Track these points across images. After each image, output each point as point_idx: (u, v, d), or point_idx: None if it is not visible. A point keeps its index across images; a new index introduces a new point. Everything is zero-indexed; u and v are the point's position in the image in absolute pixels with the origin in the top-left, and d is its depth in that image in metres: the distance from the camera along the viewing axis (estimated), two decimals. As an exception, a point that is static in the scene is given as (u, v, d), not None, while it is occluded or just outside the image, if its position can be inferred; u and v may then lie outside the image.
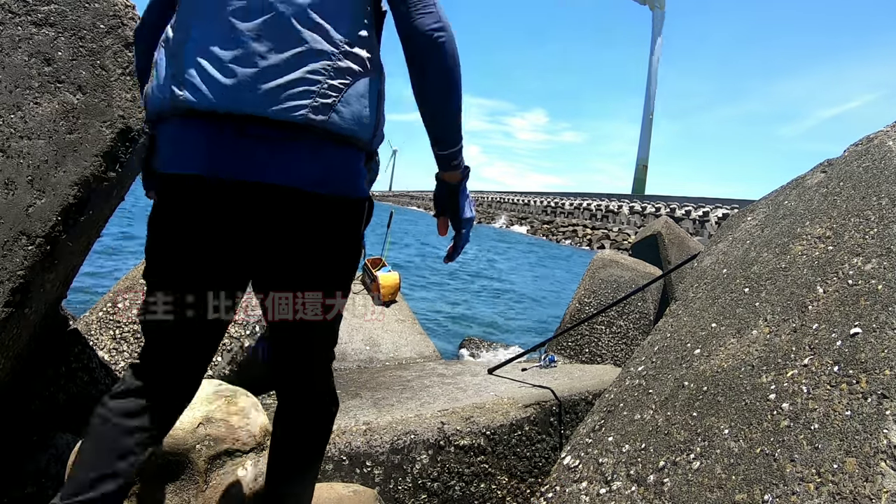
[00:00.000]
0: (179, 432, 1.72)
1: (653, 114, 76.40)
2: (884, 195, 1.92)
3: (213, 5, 1.06)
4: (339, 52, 1.05)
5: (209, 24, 1.05)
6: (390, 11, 1.13)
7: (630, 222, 36.76)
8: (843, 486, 1.23)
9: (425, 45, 1.09)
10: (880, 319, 1.48)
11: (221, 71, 1.03)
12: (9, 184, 1.74)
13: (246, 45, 1.02)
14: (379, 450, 2.18)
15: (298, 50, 1.03)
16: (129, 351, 2.62)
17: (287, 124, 1.03)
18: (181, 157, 1.10)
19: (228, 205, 1.08)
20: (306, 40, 1.03)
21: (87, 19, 1.88)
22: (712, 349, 1.88)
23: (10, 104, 1.78)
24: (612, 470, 1.78)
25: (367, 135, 1.11)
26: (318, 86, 1.03)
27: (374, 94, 1.11)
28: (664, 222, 6.91)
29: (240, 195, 1.07)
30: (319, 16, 1.04)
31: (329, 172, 1.09)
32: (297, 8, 1.03)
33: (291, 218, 1.09)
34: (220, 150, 1.05)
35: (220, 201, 1.08)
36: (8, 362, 1.94)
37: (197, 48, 1.05)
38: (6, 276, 1.70)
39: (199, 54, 1.05)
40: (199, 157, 1.07)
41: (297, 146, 1.06)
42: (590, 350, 4.88)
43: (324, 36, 1.05)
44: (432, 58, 1.10)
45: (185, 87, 1.05)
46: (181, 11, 1.11)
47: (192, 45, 1.06)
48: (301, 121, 1.03)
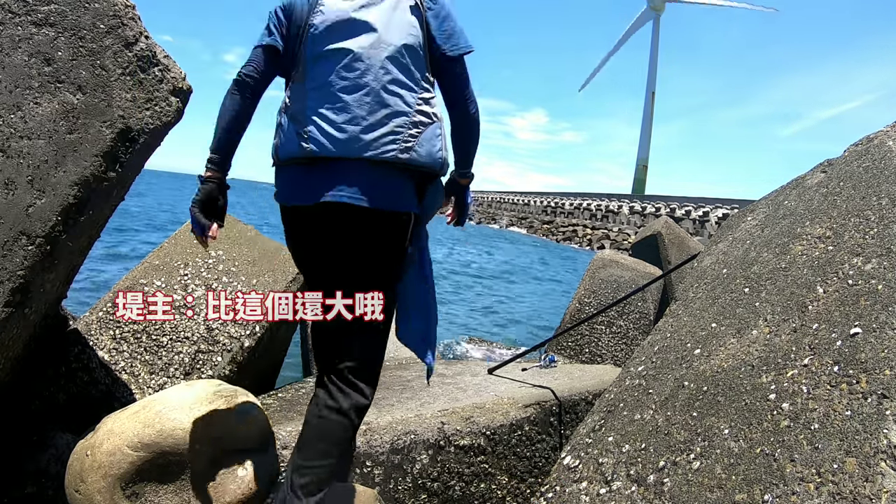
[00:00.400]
0: (179, 432, 1.72)
1: (653, 114, 76.56)
2: (884, 195, 1.92)
3: (324, 83, 1.50)
4: (413, 111, 1.52)
5: (322, 96, 1.49)
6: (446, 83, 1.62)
7: (630, 222, 36.78)
8: (843, 486, 1.23)
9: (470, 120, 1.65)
10: (880, 319, 1.48)
11: (336, 129, 1.47)
12: (9, 184, 1.74)
13: (351, 111, 1.47)
14: (379, 450, 2.18)
15: (386, 112, 1.48)
16: (129, 351, 2.63)
17: (381, 163, 1.48)
18: (311, 191, 1.50)
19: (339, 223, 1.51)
20: (391, 105, 1.49)
21: (87, 19, 1.88)
22: (712, 349, 1.88)
23: (10, 104, 1.78)
24: (612, 470, 1.78)
25: (438, 165, 1.58)
26: (402, 136, 1.49)
27: (438, 136, 1.56)
28: (664, 222, 6.92)
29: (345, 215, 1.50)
30: (398, 87, 1.50)
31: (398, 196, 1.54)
32: (382, 84, 1.49)
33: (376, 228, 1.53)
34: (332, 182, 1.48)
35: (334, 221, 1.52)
36: (8, 362, 1.94)
37: (315, 113, 1.49)
38: (6, 276, 1.70)
39: (318, 117, 1.48)
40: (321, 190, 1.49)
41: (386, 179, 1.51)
42: (590, 350, 4.88)
43: (403, 101, 1.51)
44: (472, 126, 1.67)
45: (309, 142, 1.48)
46: (295, 88, 1.55)
47: (311, 112, 1.49)
48: (391, 159, 1.48)
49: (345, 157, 1.47)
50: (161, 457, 1.70)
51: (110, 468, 1.67)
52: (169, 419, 1.73)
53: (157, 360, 2.63)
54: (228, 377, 2.65)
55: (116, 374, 2.55)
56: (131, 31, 1.94)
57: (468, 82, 1.62)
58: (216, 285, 2.89)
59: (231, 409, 1.85)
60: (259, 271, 3.02)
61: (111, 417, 1.81)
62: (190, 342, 2.70)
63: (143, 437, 1.70)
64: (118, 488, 1.67)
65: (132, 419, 1.75)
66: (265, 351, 3.02)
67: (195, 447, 1.73)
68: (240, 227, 3.28)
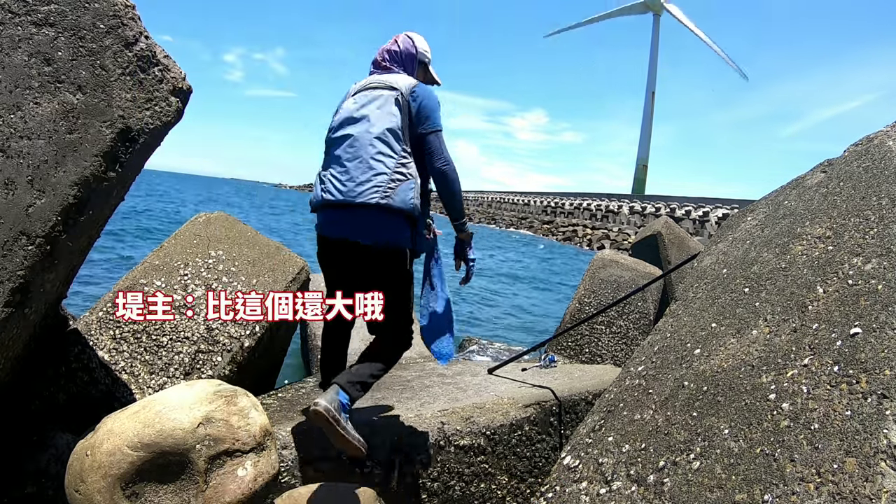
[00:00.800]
0: (179, 432, 1.72)
1: (653, 113, 76.47)
2: (884, 195, 1.92)
3: (336, 156, 2.17)
4: (392, 172, 2.09)
5: (335, 163, 2.17)
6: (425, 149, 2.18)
7: (630, 222, 36.77)
8: (843, 486, 1.23)
9: (443, 177, 2.19)
10: (880, 319, 1.48)
11: (340, 183, 2.12)
12: (9, 184, 1.74)
13: (349, 172, 2.11)
14: (379, 450, 2.18)
15: (373, 173, 2.08)
16: (129, 351, 2.63)
17: (369, 205, 2.07)
18: (327, 227, 2.22)
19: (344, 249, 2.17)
20: (375, 168, 2.09)
21: (87, 19, 1.88)
22: (712, 349, 1.88)
23: (10, 104, 1.78)
24: (612, 470, 1.78)
25: (409, 208, 2.09)
26: (383, 188, 2.07)
27: (413, 189, 2.11)
28: (664, 222, 6.92)
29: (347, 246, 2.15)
30: (382, 157, 2.10)
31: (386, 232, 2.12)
32: (370, 155, 2.10)
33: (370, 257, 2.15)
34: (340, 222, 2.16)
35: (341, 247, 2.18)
36: (8, 362, 1.94)
37: (330, 175, 2.17)
38: (6, 276, 1.70)
39: (331, 177, 2.16)
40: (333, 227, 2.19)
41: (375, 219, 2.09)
42: (590, 350, 4.88)
43: (385, 165, 2.09)
44: (445, 181, 2.20)
45: (326, 192, 2.16)
46: (324, 159, 2.27)
47: (326, 172, 2.20)
48: (374, 203, 2.06)
49: (346, 202, 2.09)
50: (161, 457, 1.70)
51: (110, 468, 1.67)
52: (169, 419, 1.73)
53: (157, 360, 2.63)
54: (228, 377, 2.65)
55: (116, 374, 2.55)
56: (131, 31, 1.93)
57: (441, 149, 2.18)
58: (216, 285, 2.89)
59: (231, 409, 1.85)
60: (259, 271, 3.02)
61: (111, 417, 1.81)
62: (190, 342, 2.70)
63: (143, 437, 1.70)
64: (118, 488, 1.67)
65: (132, 419, 1.75)
66: (265, 351, 3.02)
67: (195, 447, 1.73)
68: (240, 227, 3.28)
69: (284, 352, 3.58)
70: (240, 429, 1.83)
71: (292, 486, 2.05)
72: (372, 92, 2.20)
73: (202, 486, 1.74)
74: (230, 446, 1.79)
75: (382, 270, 2.18)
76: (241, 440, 1.82)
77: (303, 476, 2.10)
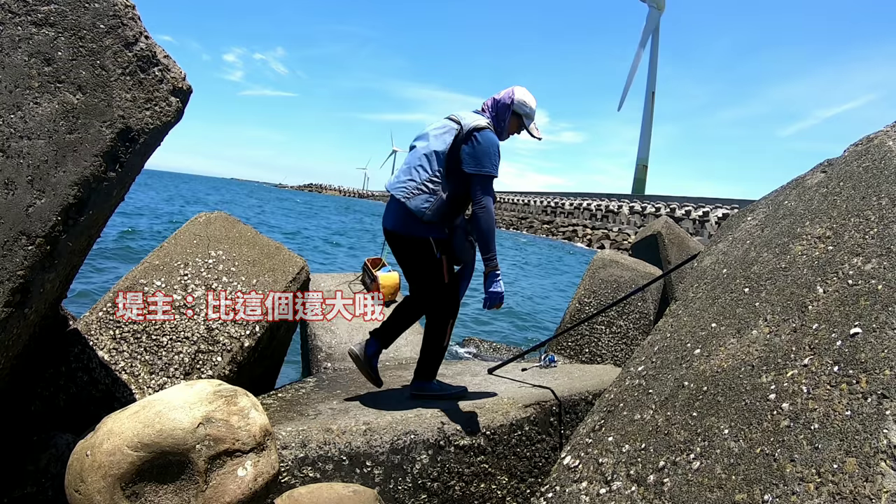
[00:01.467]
0: (179, 432, 1.72)
1: (653, 114, 76.37)
2: (884, 195, 1.92)
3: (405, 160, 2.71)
4: (420, 182, 2.56)
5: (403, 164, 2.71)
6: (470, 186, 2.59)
7: (630, 222, 36.77)
8: (843, 486, 1.23)
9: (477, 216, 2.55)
10: (880, 319, 1.48)
11: (393, 177, 2.66)
12: (9, 184, 1.74)
13: (400, 172, 2.66)
14: (379, 450, 2.18)
15: (408, 178, 2.59)
16: (129, 351, 2.63)
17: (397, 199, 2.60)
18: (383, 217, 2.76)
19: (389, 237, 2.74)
20: (411, 175, 2.59)
21: (87, 19, 1.88)
22: (712, 349, 1.88)
23: (10, 104, 1.78)
24: (612, 470, 1.78)
25: (420, 213, 2.54)
26: (409, 190, 2.56)
27: (429, 201, 2.55)
28: (664, 222, 6.92)
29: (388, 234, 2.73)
30: (420, 168, 2.59)
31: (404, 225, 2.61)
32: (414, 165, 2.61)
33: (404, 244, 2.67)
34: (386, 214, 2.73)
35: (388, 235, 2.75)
36: (8, 362, 1.94)
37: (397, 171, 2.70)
38: (6, 276, 1.70)
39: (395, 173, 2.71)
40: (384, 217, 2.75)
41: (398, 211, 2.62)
42: (590, 350, 4.88)
43: (419, 175, 2.58)
44: (478, 220, 2.55)
45: None
46: None
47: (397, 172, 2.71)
48: (400, 197, 2.58)
49: (390, 192, 2.64)
50: (161, 457, 1.70)
51: (110, 468, 1.67)
52: (169, 419, 1.73)
53: (157, 360, 2.63)
54: (228, 377, 2.65)
55: (116, 374, 2.55)
56: (131, 31, 1.93)
57: (480, 194, 2.55)
58: (216, 285, 2.89)
59: (231, 409, 1.85)
60: (259, 271, 3.02)
61: (111, 417, 1.81)
62: (190, 342, 2.70)
63: (143, 437, 1.70)
64: (118, 488, 1.67)
65: (132, 419, 1.75)
66: (265, 351, 3.01)
67: (195, 447, 1.73)
68: (240, 227, 3.28)
69: (284, 352, 3.58)
70: (240, 429, 1.83)
71: (292, 486, 2.05)
72: (445, 121, 2.69)
73: (202, 486, 1.74)
74: (230, 446, 1.79)
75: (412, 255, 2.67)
76: (241, 440, 1.82)
77: (303, 476, 2.10)
